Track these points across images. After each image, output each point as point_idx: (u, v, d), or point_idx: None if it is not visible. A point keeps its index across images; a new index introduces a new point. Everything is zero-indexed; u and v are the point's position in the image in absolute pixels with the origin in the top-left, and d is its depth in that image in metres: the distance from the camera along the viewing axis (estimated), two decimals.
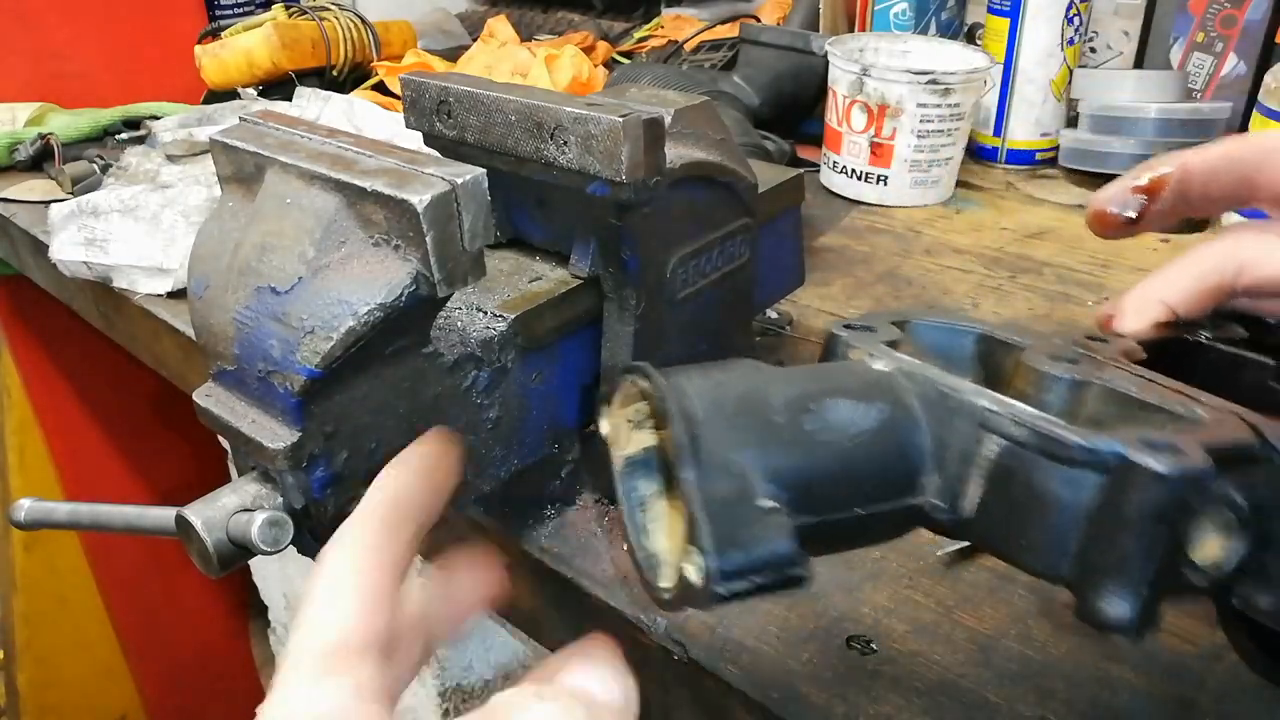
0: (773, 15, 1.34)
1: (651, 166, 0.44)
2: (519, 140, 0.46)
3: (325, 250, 0.37)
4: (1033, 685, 0.44)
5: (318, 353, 0.36)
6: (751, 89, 1.07)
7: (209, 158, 0.59)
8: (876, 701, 0.43)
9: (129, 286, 0.80)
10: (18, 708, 1.51)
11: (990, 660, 0.45)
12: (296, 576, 1.28)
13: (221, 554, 0.38)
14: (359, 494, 0.41)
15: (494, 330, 0.46)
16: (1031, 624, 0.47)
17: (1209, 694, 0.43)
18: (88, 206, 0.79)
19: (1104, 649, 0.46)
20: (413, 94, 0.50)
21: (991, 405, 0.28)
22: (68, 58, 1.32)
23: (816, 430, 0.28)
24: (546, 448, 0.51)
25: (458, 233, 0.37)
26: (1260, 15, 0.97)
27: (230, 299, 0.39)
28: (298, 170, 0.39)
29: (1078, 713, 0.42)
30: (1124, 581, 0.26)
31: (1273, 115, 0.85)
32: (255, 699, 1.44)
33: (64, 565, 1.48)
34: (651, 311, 0.50)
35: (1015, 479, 0.28)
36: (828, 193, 1.04)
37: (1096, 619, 0.26)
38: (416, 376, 0.42)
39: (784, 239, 0.65)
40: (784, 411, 0.28)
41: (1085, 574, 0.27)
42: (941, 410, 0.29)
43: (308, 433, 0.38)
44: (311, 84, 1.14)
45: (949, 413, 0.29)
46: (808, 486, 0.27)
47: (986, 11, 1.08)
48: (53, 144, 1.01)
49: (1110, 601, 0.26)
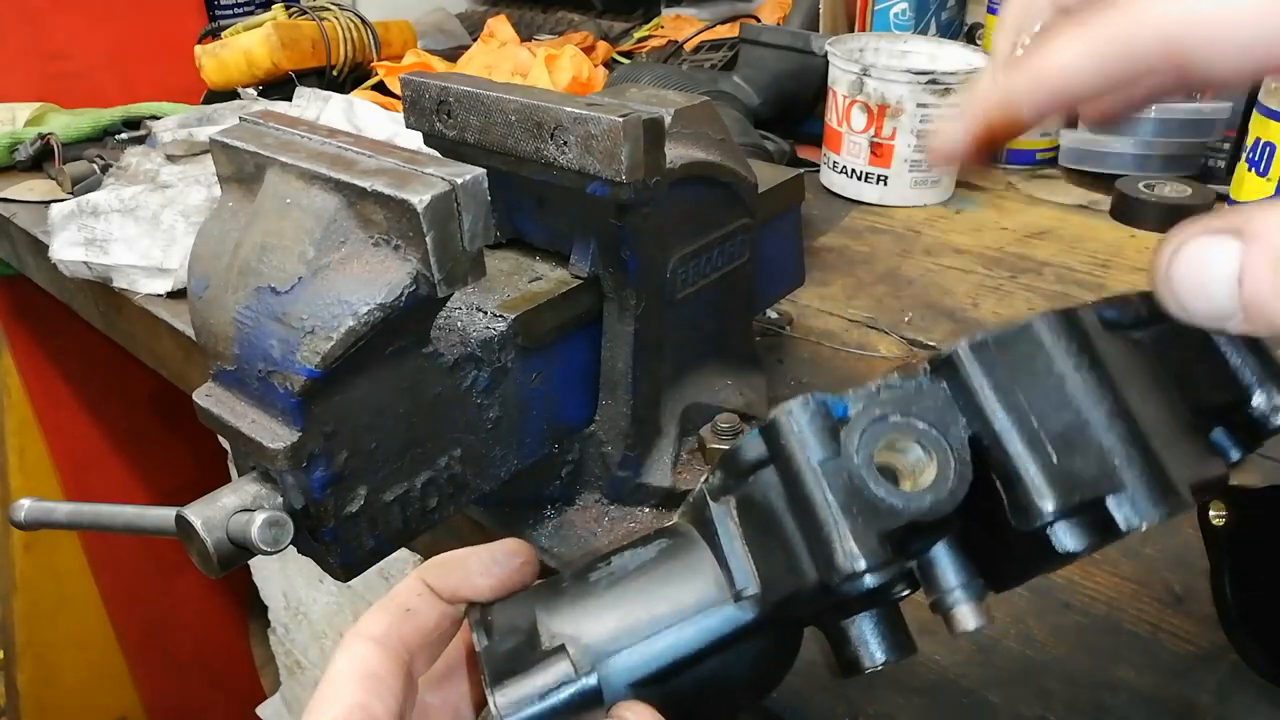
0: (773, 15, 1.34)
1: (651, 166, 0.44)
2: (519, 140, 0.46)
3: (325, 250, 0.37)
4: (1033, 685, 0.44)
5: (318, 353, 0.36)
6: (751, 89, 1.07)
7: (209, 158, 0.59)
8: (876, 701, 0.43)
9: (129, 286, 0.80)
10: (18, 708, 1.51)
11: (990, 660, 0.45)
12: (296, 576, 1.28)
13: (221, 554, 0.38)
14: (359, 494, 0.41)
15: (494, 330, 0.46)
16: (1031, 624, 0.47)
17: (1209, 694, 0.43)
18: (88, 206, 0.79)
19: (1104, 650, 0.46)
20: (413, 94, 0.50)
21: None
22: (68, 58, 1.32)
23: (600, 578, 0.32)
24: (546, 448, 0.51)
25: (458, 233, 0.37)
26: None
27: (230, 299, 0.39)
28: (298, 170, 0.39)
29: (1078, 713, 0.42)
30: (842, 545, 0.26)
31: (1273, 115, 0.85)
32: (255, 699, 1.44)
33: (64, 565, 1.48)
34: (651, 311, 0.50)
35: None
36: (828, 193, 1.04)
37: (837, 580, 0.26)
38: (416, 376, 0.42)
39: (784, 239, 0.65)
40: (569, 578, 0.33)
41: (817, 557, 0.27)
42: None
43: (308, 433, 0.38)
44: (311, 84, 1.14)
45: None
46: (595, 621, 0.31)
47: (986, 11, 1.08)
48: (53, 144, 1.01)
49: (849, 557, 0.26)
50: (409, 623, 0.32)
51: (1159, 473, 0.25)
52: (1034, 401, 0.26)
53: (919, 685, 0.44)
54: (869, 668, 0.30)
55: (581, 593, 0.32)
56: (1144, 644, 0.46)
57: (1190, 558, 0.50)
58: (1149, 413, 0.26)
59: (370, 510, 0.42)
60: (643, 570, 0.32)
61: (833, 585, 0.26)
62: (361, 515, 0.41)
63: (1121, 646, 0.46)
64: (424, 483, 0.44)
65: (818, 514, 0.27)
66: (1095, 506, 0.25)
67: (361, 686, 0.30)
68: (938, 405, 0.27)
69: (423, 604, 0.33)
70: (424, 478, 0.44)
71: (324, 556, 0.42)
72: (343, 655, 0.31)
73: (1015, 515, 0.26)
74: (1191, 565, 0.49)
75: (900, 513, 0.25)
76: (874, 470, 0.26)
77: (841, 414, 0.28)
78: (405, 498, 0.43)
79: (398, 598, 0.33)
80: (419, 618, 0.32)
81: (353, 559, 0.42)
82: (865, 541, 0.26)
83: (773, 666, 0.33)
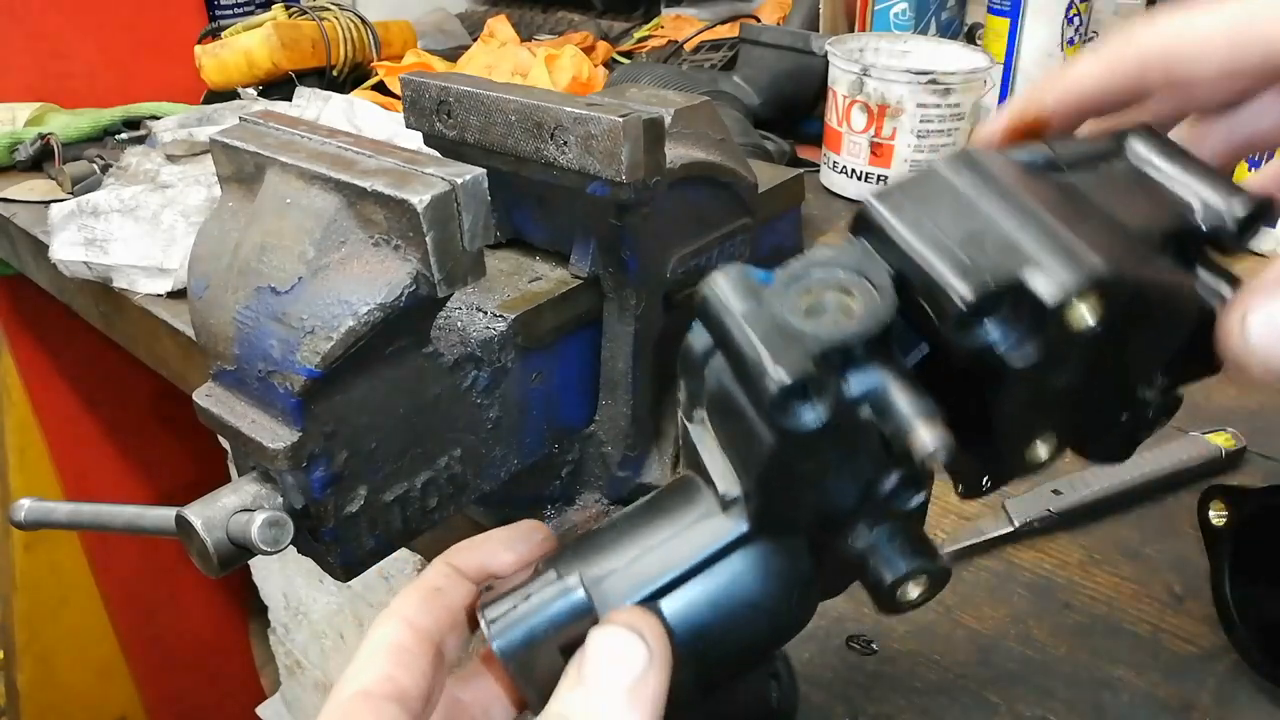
0: (773, 15, 1.34)
1: (651, 166, 0.44)
2: (519, 140, 0.46)
3: (325, 250, 0.37)
4: (1033, 685, 0.44)
5: (318, 353, 0.36)
6: (751, 89, 1.07)
7: (209, 158, 0.59)
8: (877, 701, 0.43)
9: (129, 286, 0.80)
10: (18, 708, 1.51)
11: (990, 660, 0.45)
12: (296, 576, 1.28)
13: (221, 554, 0.38)
14: (359, 494, 0.41)
15: (494, 330, 0.46)
16: (1031, 624, 0.47)
17: (1209, 694, 0.43)
18: (88, 206, 0.79)
19: (1104, 650, 0.46)
20: (413, 94, 0.50)
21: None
22: (68, 58, 1.32)
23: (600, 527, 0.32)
24: (546, 448, 0.51)
25: (458, 233, 0.37)
26: None
27: (230, 299, 0.39)
28: (298, 170, 0.39)
29: (1078, 713, 0.42)
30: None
31: None
32: (255, 699, 1.44)
33: (64, 565, 1.48)
34: (651, 311, 0.50)
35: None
36: (828, 193, 1.04)
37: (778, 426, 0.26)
38: (416, 376, 0.42)
39: (784, 239, 0.65)
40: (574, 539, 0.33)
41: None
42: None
43: (308, 433, 0.38)
44: (311, 84, 1.14)
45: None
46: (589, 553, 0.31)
47: (986, 11, 1.08)
48: (53, 144, 1.01)
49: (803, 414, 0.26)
50: (437, 601, 0.33)
51: (1072, 245, 0.25)
52: (942, 223, 0.27)
53: (919, 685, 0.44)
54: (896, 582, 0.29)
55: (579, 541, 0.32)
56: (1144, 644, 0.46)
57: (1190, 558, 0.50)
58: (1081, 228, 0.27)
59: (370, 510, 0.42)
60: (638, 509, 0.32)
61: (775, 421, 0.26)
62: (361, 515, 0.41)
63: (1121, 646, 0.46)
64: (424, 483, 0.44)
65: (746, 357, 0.26)
66: (1016, 293, 0.25)
67: (390, 659, 0.30)
68: (858, 255, 0.28)
69: (450, 584, 0.34)
70: (424, 478, 0.44)
71: (324, 556, 0.42)
72: (374, 631, 0.32)
73: (943, 324, 0.26)
74: (1191, 565, 0.49)
75: (823, 339, 0.25)
76: (799, 309, 0.26)
77: (765, 280, 0.28)
78: (405, 498, 0.43)
79: (426, 579, 0.34)
80: (447, 597, 0.33)
81: (353, 559, 0.42)
82: (788, 359, 0.25)
83: (786, 596, 0.31)
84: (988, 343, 0.26)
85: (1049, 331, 0.26)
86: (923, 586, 0.30)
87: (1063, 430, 0.30)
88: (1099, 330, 0.26)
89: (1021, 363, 0.26)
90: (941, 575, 0.30)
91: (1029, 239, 0.26)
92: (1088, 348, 0.27)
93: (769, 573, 0.30)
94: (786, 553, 0.31)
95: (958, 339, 0.26)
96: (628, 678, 0.27)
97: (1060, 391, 0.29)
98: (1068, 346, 0.26)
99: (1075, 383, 0.29)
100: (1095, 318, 0.25)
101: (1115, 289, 0.25)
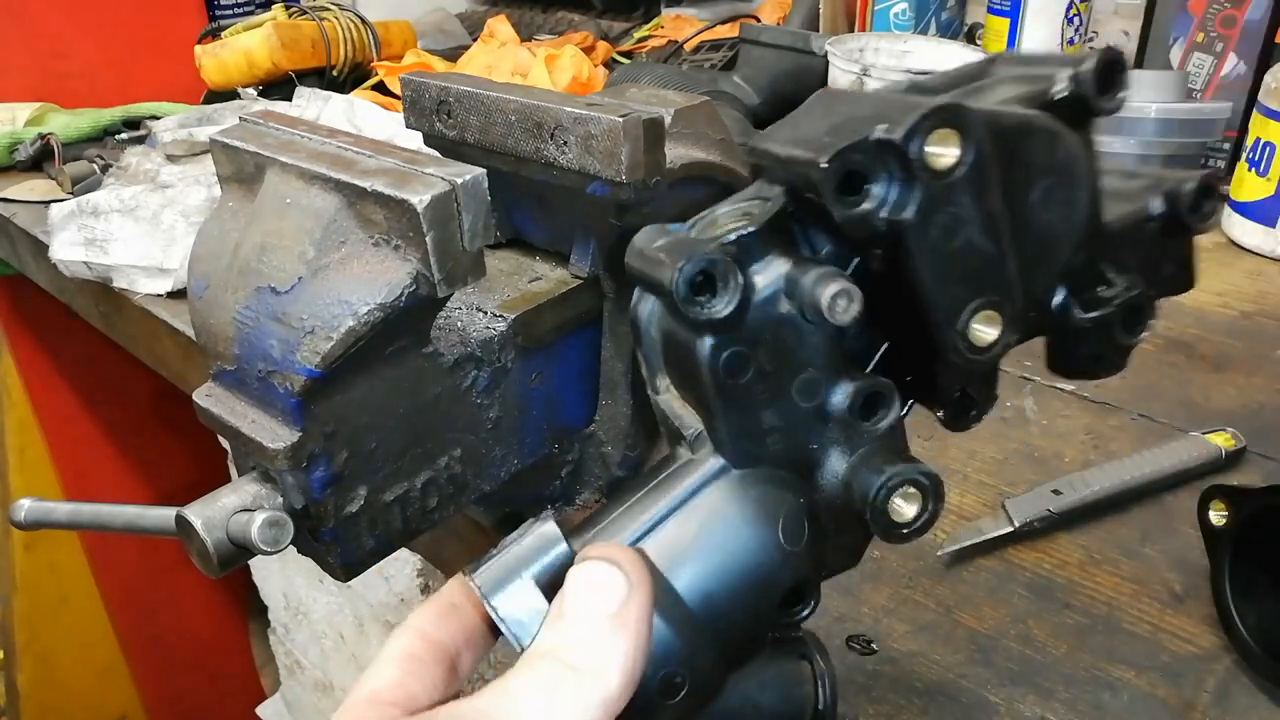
0: (773, 15, 1.34)
1: (651, 166, 0.44)
2: (519, 140, 0.46)
3: (325, 250, 0.37)
4: (1033, 685, 0.44)
5: (318, 353, 0.36)
6: (751, 89, 1.07)
7: (209, 158, 0.59)
8: (876, 701, 0.43)
9: (129, 286, 0.80)
10: (18, 708, 1.51)
11: (990, 660, 0.45)
12: (296, 576, 1.28)
13: (221, 554, 0.38)
14: (359, 494, 0.41)
15: (494, 330, 0.46)
16: (1031, 624, 0.47)
17: (1209, 694, 0.43)
18: (88, 206, 0.79)
19: (1104, 650, 0.46)
20: (413, 94, 0.50)
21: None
22: (68, 58, 1.32)
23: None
24: (546, 448, 0.51)
25: (458, 233, 0.37)
26: (1260, 15, 0.97)
27: (230, 299, 0.39)
28: (298, 170, 0.39)
29: (1078, 713, 0.42)
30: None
31: (1273, 115, 0.85)
32: (255, 699, 1.44)
33: (64, 565, 1.48)
34: None
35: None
36: None
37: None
38: (416, 376, 0.42)
39: None
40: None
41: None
42: None
43: (308, 433, 0.38)
44: (311, 84, 1.14)
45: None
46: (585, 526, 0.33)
47: (986, 11, 1.08)
48: (53, 144, 1.01)
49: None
50: (453, 617, 0.33)
51: (919, 101, 0.28)
52: (808, 130, 0.30)
53: (919, 685, 0.44)
54: (881, 496, 0.30)
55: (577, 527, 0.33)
56: (1144, 644, 0.46)
57: (1190, 558, 0.50)
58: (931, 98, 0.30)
59: (370, 510, 0.42)
60: (624, 487, 0.33)
61: (691, 317, 0.28)
62: (361, 515, 0.41)
63: (1121, 646, 0.46)
64: (424, 483, 0.44)
65: (661, 277, 0.28)
66: (875, 149, 0.27)
67: (401, 667, 0.31)
68: (755, 189, 0.32)
69: (466, 602, 0.34)
70: (424, 478, 0.44)
71: (324, 556, 0.42)
72: (391, 641, 0.32)
73: (828, 204, 0.28)
74: (1191, 565, 0.49)
75: (719, 239, 0.30)
76: (706, 236, 0.31)
77: (678, 228, 0.32)
78: (405, 498, 0.43)
79: (444, 595, 0.35)
80: (463, 613, 0.34)
81: (353, 559, 0.42)
82: (686, 257, 0.28)
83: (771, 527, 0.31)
84: (872, 209, 0.28)
85: (922, 181, 0.28)
86: (916, 503, 0.30)
87: (1000, 306, 0.31)
88: (966, 169, 0.28)
89: (909, 216, 0.28)
90: (932, 483, 0.30)
91: (881, 112, 0.28)
92: (966, 193, 0.28)
93: (748, 500, 0.30)
94: (765, 482, 0.31)
95: (843, 214, 0.28)
96: (609, 606, 0.27)
97: (968, 253, 0.30)
98: (946, 194, 0.28)
99: (980, 242, 0.30)
100: (955, 154, 0.28)
101: (959, 120, 0.27)
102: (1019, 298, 0.31)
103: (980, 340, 0.31)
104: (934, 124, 0.27)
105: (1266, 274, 0.85)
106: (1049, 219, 0.32)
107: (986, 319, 0.31)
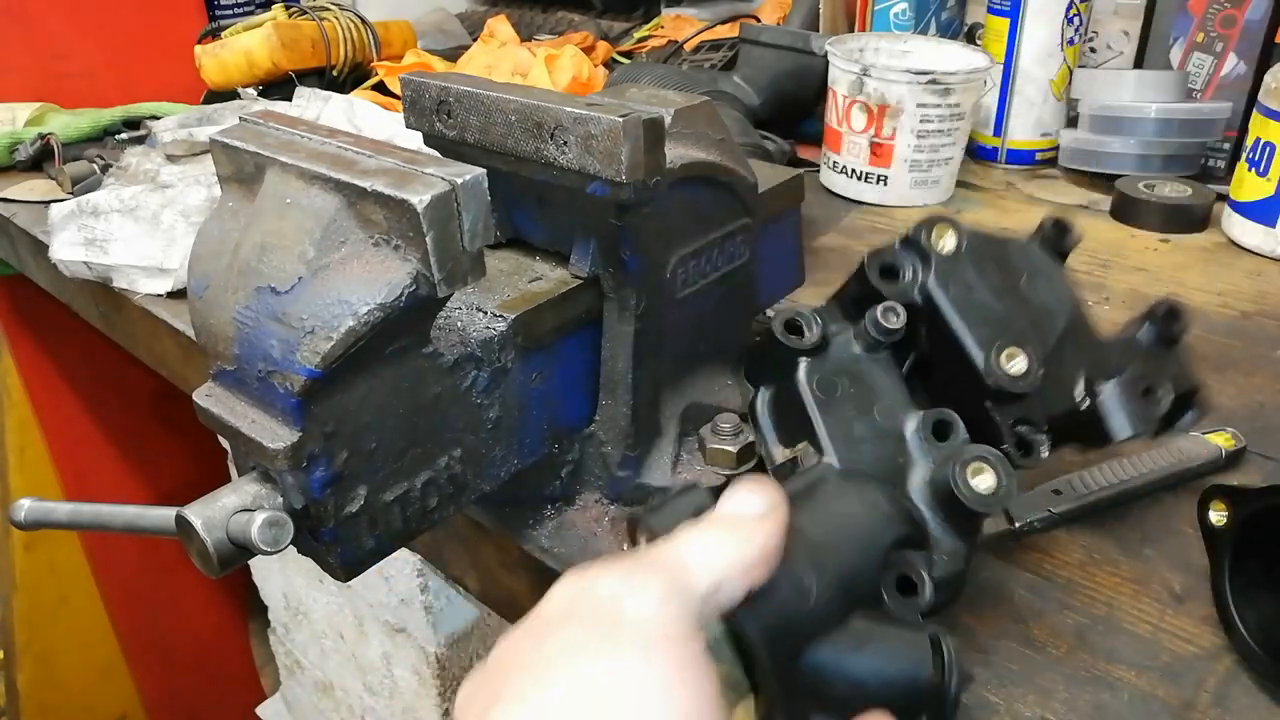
0: (773, 15, 1.34)
1: (651, 166, 0.44)
2: (519, 140, 0.46)
3: (325, 250, 0.37)
4: (1033, 685, 0.44)
5: (318, 353, 0.36)
6: (751, 89, 1.07)
7: (209, 158, 0.59)
8: None
9: (129, 286, 0.80)
10: (18, 708, 1.51)
11: (990, 660, 0.45)
12: (296, 576, 1.27)
13: (221, 554, 0.38)
14: (359, 494, 0.41)
15: (494, 330, 0.46)
16: (1031, 624, 0.47)
17: (1209, 694, 0.43)
18: (88, 206, 0.79)
19: (1104, 650, 0.46)
20: (413, 94, 0.50)
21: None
22: (68, 58, 1.32)
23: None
24: (546, 448, 0.51)
25: (458, 233, 0.37)
26: (1260, 15, 0.97)
27: (230, 299, 0.39)
28: (298, 170, 0.39)
29: (1078, 713, 0.42)
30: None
31: (1273, 115, 0.85)
32: (255, 699, 1.43)
33: (64, 565, 1.48)
34: (651, 311, 0.50)
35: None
36: (828, 193, 1.04)
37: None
38: (416, 376, 0.42)
39: (784, 239, 0.65)
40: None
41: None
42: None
43: (308, 433, 0.38)
44: (311, 84, 1.14)
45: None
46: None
47: (986, 11, 1.08)
48: (53, 144, 1.01)
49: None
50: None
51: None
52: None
53: None
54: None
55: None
56: (1144, 644, 0.46)
57: (1190, 558, 0.50)
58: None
59: (370, 510, 0.42)
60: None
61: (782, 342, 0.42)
62: (361, 515, 0.41)
63: (1121, 646, 0.46)
64: (424, 483, 0.44)
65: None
66: (903, 249, 0.45)
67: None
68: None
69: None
70: (424, 478, 0.44)
71: (324, 556, 0.42)
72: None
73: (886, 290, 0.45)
74: (1191, 565, 0.49)
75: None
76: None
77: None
78: (405, 498, 0.43)
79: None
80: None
81: (353, 559, 0.42)
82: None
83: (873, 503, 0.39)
84: (908, 281, 0.44)
85: (935, 260, 0.44)
86: (990, 476, 0.39)
87: (1022, 344, 0.43)
88: (963, 248, 0.44)
89: (932, 282, 0.43)
90: (997, 459, 0.39)
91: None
92: (969, 267, 0.44)
93: (851, 482, 0.39)
94: (863, 474, 0.40)
95: (888, 290, 0.44)
96: (752, 510, 0.33)
97: (984, 307, 0.44)
98: (954, 267, 0.44)
99: (990, 301, 0.44)
100: (954, 241, 0.45)
101: (950, 221, 0.45)
102: (1039, 346, 0.43)
103: (1013, 370, 0.42)
104: (934, 223, 0.45)
105: (1266, 274, 0.85)
106: (1041, 297, 0.46)
107: (1011, 354, 0.42)
